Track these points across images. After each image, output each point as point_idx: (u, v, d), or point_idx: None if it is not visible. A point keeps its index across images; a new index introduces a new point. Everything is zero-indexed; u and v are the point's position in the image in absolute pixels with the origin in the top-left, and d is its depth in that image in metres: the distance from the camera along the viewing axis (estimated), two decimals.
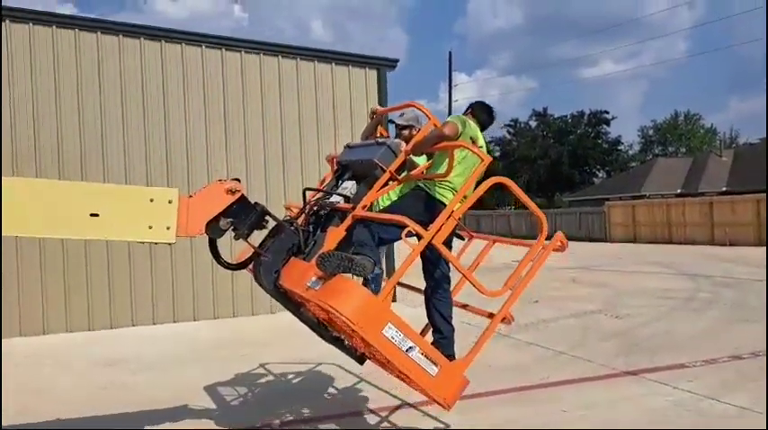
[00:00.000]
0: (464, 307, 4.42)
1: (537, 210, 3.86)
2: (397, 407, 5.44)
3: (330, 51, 11.82)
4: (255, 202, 4.08)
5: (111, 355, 7.95)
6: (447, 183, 4.07)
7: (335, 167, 4.68)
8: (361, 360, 4.12)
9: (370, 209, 4.29)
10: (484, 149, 4.21)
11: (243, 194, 4.02)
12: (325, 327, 4.05)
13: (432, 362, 3.39)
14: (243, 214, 3.98)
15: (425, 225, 3.60)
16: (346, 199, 4.27)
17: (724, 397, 5.44)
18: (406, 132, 4.68)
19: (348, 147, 4.67)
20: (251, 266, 4.27)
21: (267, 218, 4.08)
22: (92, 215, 3.68)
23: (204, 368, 7.10)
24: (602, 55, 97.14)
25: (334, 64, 11.69)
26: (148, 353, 8.03)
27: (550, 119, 59.08)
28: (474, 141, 4.13)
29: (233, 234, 4.05)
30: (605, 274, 16.49)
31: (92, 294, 9.84)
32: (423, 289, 4.37)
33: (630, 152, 64.87)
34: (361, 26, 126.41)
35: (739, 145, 53.28)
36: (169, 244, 3.95)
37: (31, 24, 9.62)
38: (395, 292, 9.27)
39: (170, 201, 3.84)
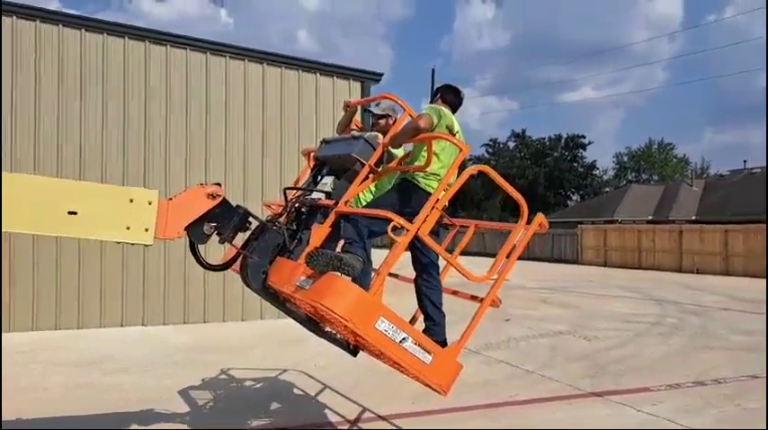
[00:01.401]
0: (454, 293, 4.47)
1: (516, 194, 3.89)
2: (360, 417, 5.44)
3: (315, 62, 11.88)
4: (237, 205, 4.08)
5: (81, 357, 7.83)
6: (433, 175, 4.11)
7: (313, 163, 4.64)
8: (354, 352, 4.15)
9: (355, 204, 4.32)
10: (460, 136, 4.26)
11: (224, 198, 4.02)
12: (316, 323, 4.06)
13: (425, 350, 3.44)
14: (225, 218, 3.97)
15: (415, 216, 3.61)
16: (327, 195, 4.26)
17: (686, 421, 5.56)
18: (382, 122, 4.66)
19: (325, 142, 4.59)
20: (236, 267, 4.26)
21: (250, 219, 4.09)
22: (70, 213, 3.64)
23: (173, 372, 7.03)
24: (582, 80, 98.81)
25: (318, 74, 11.75)
26: (119, 356, 7.92)
27: (529, 140, 59.95)
28: (450, 130, 4.17)
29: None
30: (575, 296, 16.70)
31: (61, 293, 9.69)
32: (412, 278, 4.41)
33: (605, 177, 66.01)
34: (348, 39, 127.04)
35: (710, 176, 54.52)
36: (146, 245, 3.92)
37: (14, 18, 9.52)
38: None
39: (150, 203, 3.82)
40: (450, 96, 4.56)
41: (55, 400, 5.95)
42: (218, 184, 4.11)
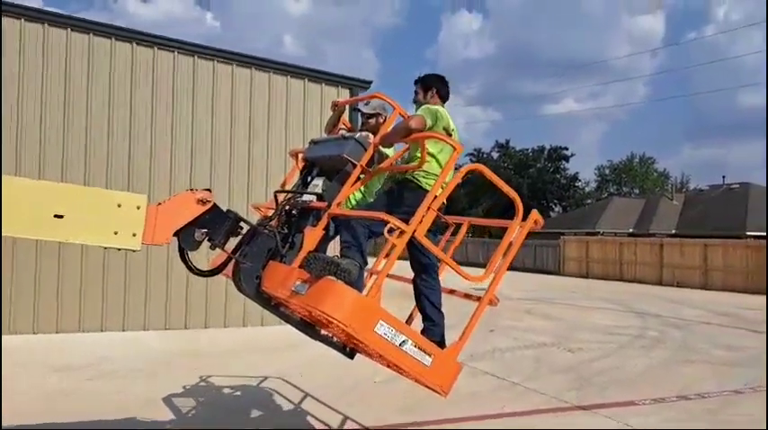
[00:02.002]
0: (451, 292, 4.43)
1: (511, 192, 3.90)
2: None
3: (304, 68, 11.83)
4: (228, 210, 4.01)
5: (59, 361, 7.66)
6: (434, 175, 4.05)
7: (302, 164, 4.56)
8: (351, 355, 4.10)
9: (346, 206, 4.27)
10: (456, 135, 4.22)
11: (214, 204, 3.95)
12: (311, 326, 3.99)
13: (425, 352, 3.42)
14: (216, 223, 3.90)
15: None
16: (319, 197, 4.15)
17: None
18: (372, 121, 4.60)
19: (313, 142, 4.52)
20: (226, 272, 4.19)
21: (241, 224, 4.02)
22: (56, 216, 3.55)
23: (154, 379, 6.90)
24: (565, 93, 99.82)
25: (307, 80, 11.70)
26: (98, 362, 7.76)
27: (512, 151, 60.32)
28: (447, 130, 4.13)
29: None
30: (558, 308, 16.76)
31: (39, 297, 9.49)
32: (410, 278, 4.35)
33: (587, 189, 66.62)
34: (334, 45, 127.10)
35: (689, 190, 55.25)
36: (133, 251, 3.84)
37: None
38: None
39: (138, 208, 3.73)
40: (445, 90, 4.49)
41: (29, 406, 5.79)
42: (209, 190, 4.04)
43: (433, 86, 4.44)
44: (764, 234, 29.77)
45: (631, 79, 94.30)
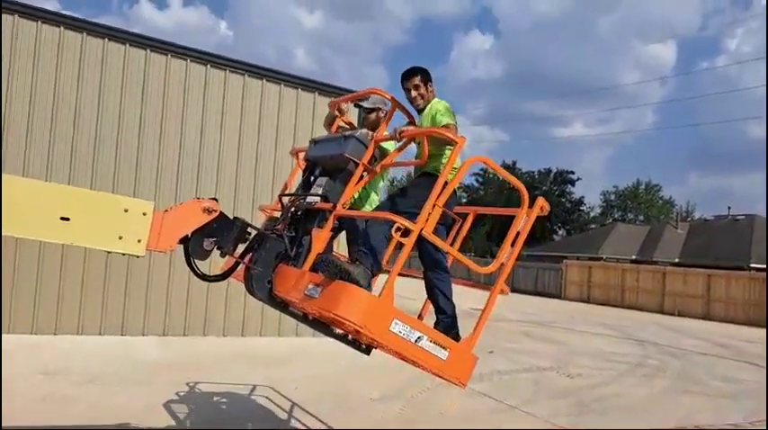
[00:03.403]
0: (461, 282, 4.47)
1: (516, 182, 3.92)
2: None
3: (315, 81, 11.91)
4: (235, 217, 4.05)
5: (52, 364, 7.64)
6: (454, 169, 3.96)
7: (304, 164, 4.56)
8: (367, 351, 4.12)
9: (353, 204, 4.30)
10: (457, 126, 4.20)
11: (221, 212, 3.97)
12: (326, 326, 4.01)
13: (441, 346, 3.49)
14: (224, 231, 3.94)
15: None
16: (324, 198, 4.12)
17: None
18: (372, 116, 4.60)
19: (314, 142, 4.50)
20: (237, 275, 4.21)
21: (249, 229, 4.06)
22: (62, 219, 3.57)
23: (142, 386, 6.87)
24: (574, 117, 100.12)
25: (317, 93, 11.77)
26: (91, 366, 7.74)
27: (518, 172, 60.35)
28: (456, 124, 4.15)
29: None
30: (558, 332, 16.67)
31: (39, 297, 9.49)
32: (421, 273, 4.33)
33: (591, 214, 66.55)
34: (345, 60, 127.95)
35: (694, 219, 55.14)
36: (137, 256, 3.85)
37: (16, 17, 9.46)
38: None
39: (144, 214, 3.76)
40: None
41: (15, 410, 5.77)
42: (215, 199, 4.06)
43: (430, 80, 4.33)
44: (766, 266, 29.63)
45: (640, 106, 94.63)
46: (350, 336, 4.07)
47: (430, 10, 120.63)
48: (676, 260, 37.38)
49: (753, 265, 31.43)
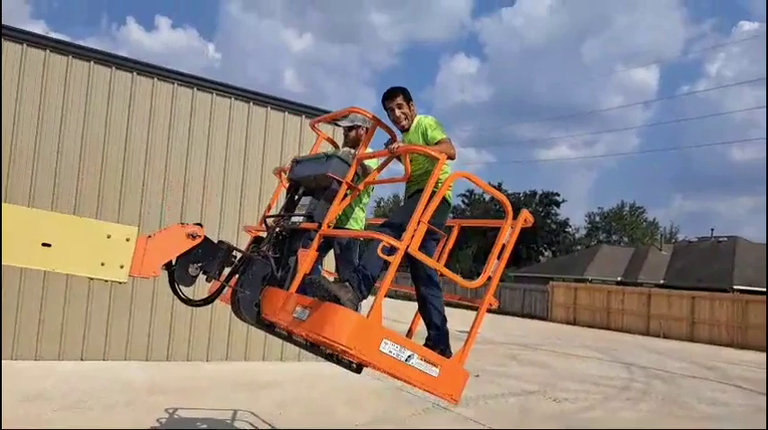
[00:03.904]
0: (449, 297, 4.44)
1: (499, 194, 3.94)
2: None
3: (302, 105, 11.95)
4: (220, 241, 4.02)
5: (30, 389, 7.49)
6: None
7: (287, 184, 4.57)
8: (358, 370, 4.07)
9: (339, 223, 4.31)
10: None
11: (205, 237, 3.94)
12: (316, 347, 3.97)
13: (432, 364, 3.50)
14: (210, 256, 3.92)
15: (438, 226, 3.89)
16: (308, 217, 4.10)
17: None
18: (352, 134, 4.61)
19: (296, 161, 4.49)
20: (224, 297, 4.17)
21: (234, 253, 4.03)
22: (43, 245, 3.53)
23: (121, 412, 6.74)
24: (558, 140, 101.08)
25: (304, 117, 11.80)
26: (71, 392, 7.59)
27: (504, 193, 60.63)
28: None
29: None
30: (545, 355, 16.64)
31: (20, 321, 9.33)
32: (412, 288, 4.33)
33: (577, 236, 66.93)
34: (333, 82, 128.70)
35: (678, 241, 55.65)
36: (120, 283, 3.80)
37: (3, 40, 9.42)
38: None
39: (127, 240, 3.72)
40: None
41: None
42: (200, 224, 4.04)
43: (411, 99, 4.37)
44: (751, 289, 29.94)
45: (623, 130, 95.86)
46: (341, 356, 4.05)
47: (418, 34, 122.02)
48: (661, 281, 37.65)
49: (736, 287, 31.72)
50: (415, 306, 4.32)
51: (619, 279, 39.64)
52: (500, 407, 9.01)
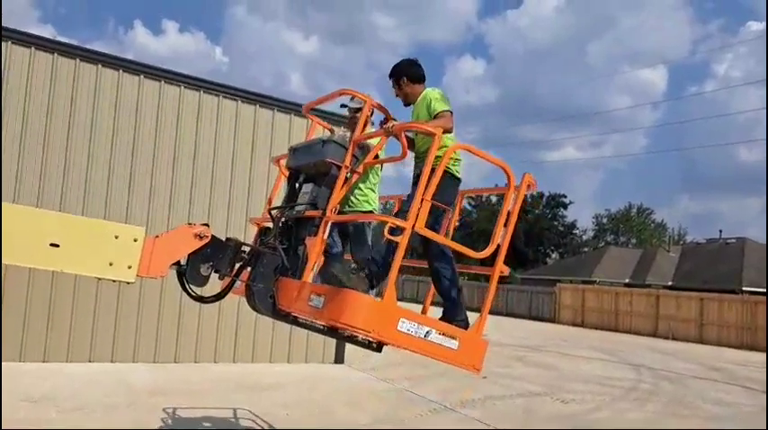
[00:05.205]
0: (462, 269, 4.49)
1: (499, 161, 3.95)
2: None
3: None
4: (227, 238, 4.08)
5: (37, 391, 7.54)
6: (456, 160, 4.17)
7: (287, 173, 4.60)
8: (379, 349, 4.13)
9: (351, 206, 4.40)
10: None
11: (213, 236, 3.99)
12: (334, 331, 4.04)
13: (450, 337, 3.58)
14: (219, 254, 3.99)
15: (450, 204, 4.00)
16: (312, 205, 4.14)
17: None
18: (359, 115, 4.53)
19: (293, 150, 4.52)
20: (237, 290, 4.22)
21: (243, 248, 4.10)
22: (52, 245, 3.57)
23: (124, 413, 6.79)
24: (565, 141, 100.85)
25: (309, 119, 11.81)
26: (76, 393, 7.64)
27: None
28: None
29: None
30: (551, 356, 16.61)
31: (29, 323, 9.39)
32: (425, 263, 4.35)
33: (584, 237, 66.72)
34: (339, 84, 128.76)
35: (686, 242, 55.39)
36: (128, 283, 3.85)
37: (9, 43, 9.50)
38: None
39: (135, 240, 3.77)
40: (423, 72, 4.52)
41: None
42: (207, 225, 4.08)
43: (423, 79, 4.46)
44: (760, 290, 29.75)
45: (631, 130, 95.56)
46: (360, 337, 4.10)
47: (424, 36, 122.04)
48: (669, 283, 37.48)
49: (745, 289, 31.53)
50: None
51: (627, 281, 39.48)
52: (506, 408, 8.99)
